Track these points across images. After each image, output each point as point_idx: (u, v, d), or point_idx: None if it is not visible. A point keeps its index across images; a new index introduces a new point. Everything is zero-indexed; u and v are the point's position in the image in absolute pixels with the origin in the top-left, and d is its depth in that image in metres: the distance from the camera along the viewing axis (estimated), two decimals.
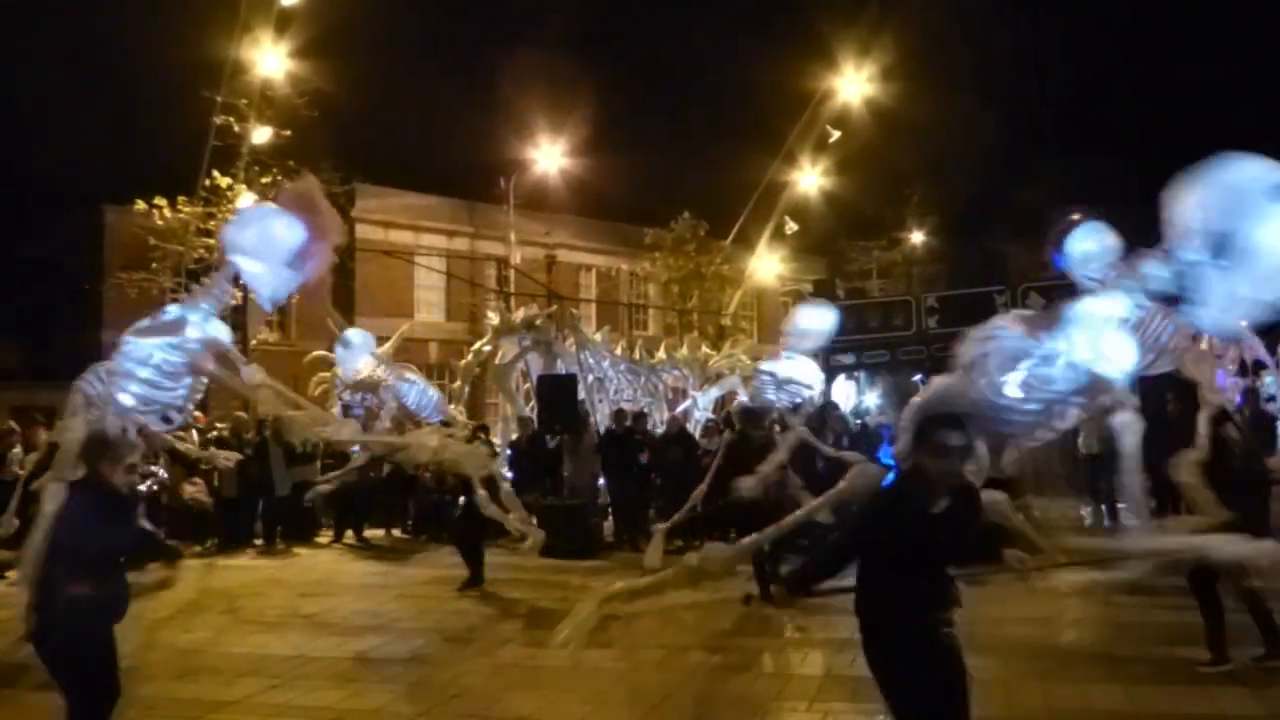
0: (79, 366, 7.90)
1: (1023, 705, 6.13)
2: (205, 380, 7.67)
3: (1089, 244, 6.73)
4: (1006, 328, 5.65)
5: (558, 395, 14.66)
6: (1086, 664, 6.71)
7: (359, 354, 15.58)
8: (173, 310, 7.60)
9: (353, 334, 16.03)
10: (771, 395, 10.93)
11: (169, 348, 7.33)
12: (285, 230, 7.07)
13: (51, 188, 25.98)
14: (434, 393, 15.69)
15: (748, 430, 10.34)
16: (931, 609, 3.72)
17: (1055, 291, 10.82)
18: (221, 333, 7.71)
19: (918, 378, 24.70)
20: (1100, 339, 5.20)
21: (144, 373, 7.30)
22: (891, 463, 13.32)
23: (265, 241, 7.10)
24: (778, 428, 10.97)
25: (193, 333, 7.36)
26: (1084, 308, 5.28)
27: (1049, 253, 7.52)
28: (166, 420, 7.71)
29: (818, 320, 12.89)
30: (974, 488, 4.14)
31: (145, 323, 7.50)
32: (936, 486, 3.77)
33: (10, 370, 25.43)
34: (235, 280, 7.71)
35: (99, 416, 6.99)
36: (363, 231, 30.14)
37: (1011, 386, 5.54)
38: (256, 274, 7.20)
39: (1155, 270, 5.10)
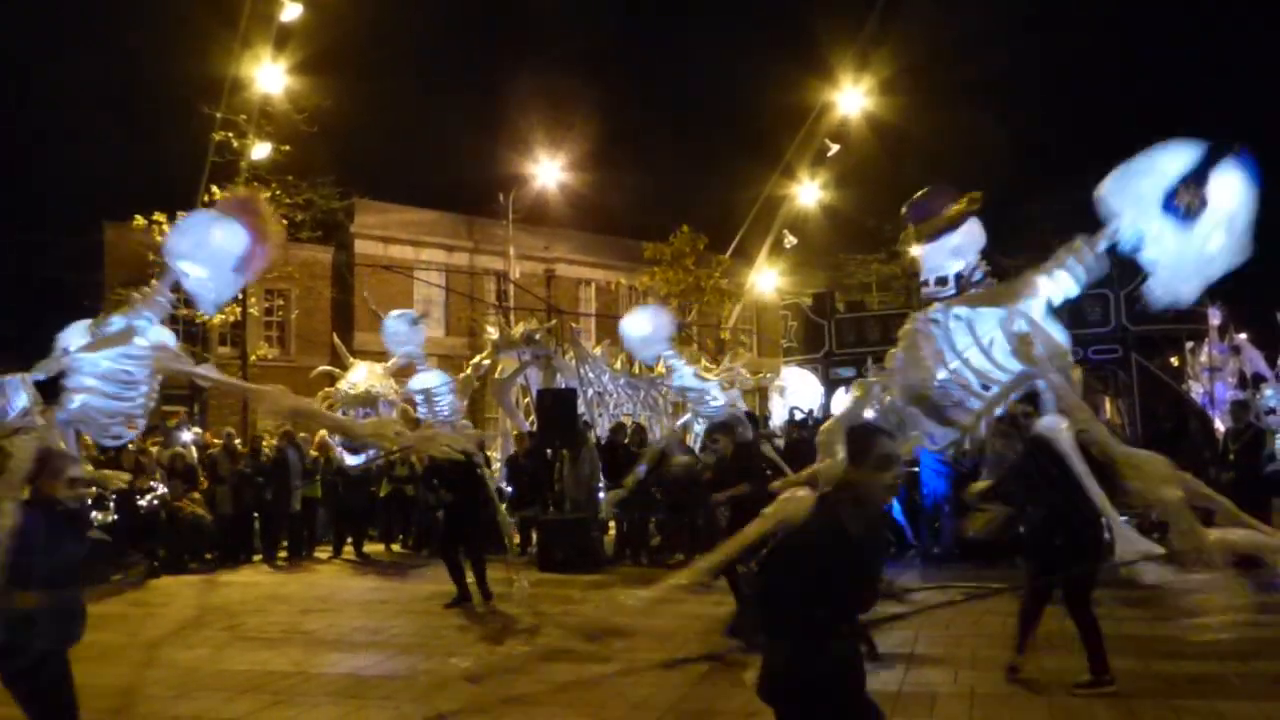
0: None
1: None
2: (157, 388, 7.64)
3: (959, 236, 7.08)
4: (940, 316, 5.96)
5: (558, 409, 14.65)
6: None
7: (418, 333, 15.35)
8: (117, 320, 7.57)
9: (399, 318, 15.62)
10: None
11: (120, 357, 7.32)
12: (226, 236, 7.06)
13: (52, 205, 26.06)
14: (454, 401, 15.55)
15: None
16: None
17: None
18: (168, 338, 7.70)
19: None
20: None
21: (98, 384, 7.27)
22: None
23: (206, 248, 7.09)
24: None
25: (140, 341, 7.35)
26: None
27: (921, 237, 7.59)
28: (126, 429, 7.70)
29: (645, 324, 13.48)
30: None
31: (88, 337, 7.50)
32: (877, 504, 3.58)
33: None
34: (176, 287, 7.65)
35: (40, 433, 6.87)
36: (362, 247, 30.19)
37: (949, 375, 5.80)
38: (199, 280, 7.19)
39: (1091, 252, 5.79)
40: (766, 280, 31.41)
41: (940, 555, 12.53)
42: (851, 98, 27.40)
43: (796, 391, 19.23)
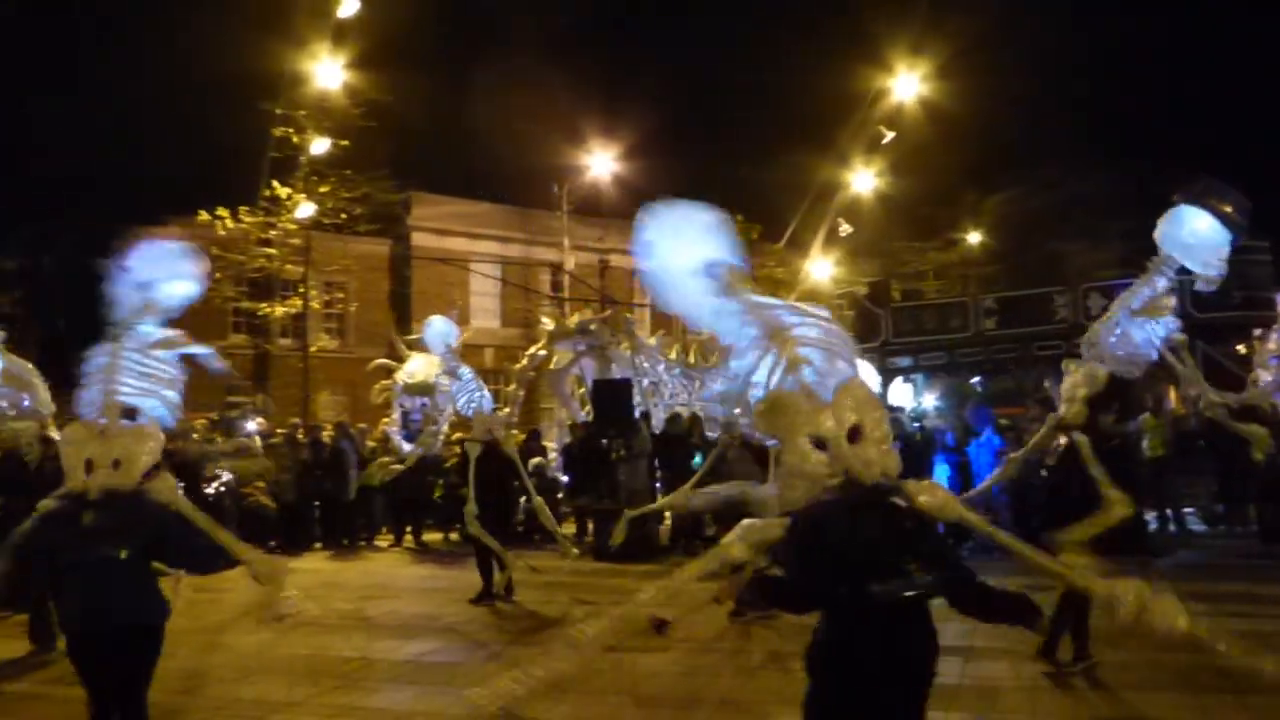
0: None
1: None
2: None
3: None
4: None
5: (613, 400, 14.69)
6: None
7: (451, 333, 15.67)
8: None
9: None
10: None
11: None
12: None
13: (116, 201, 26.63)
14: (485, 395, 15.76)
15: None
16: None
17: (1117, 291, 10.63)
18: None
19: (976, 380, 24.45)
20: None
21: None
22: (948, 466, 13.16)
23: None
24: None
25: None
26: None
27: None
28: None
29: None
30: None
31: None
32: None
33: (76, 378, 26.07)
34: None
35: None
36: (418, 239, 30.47)
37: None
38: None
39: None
40: (821, 269, 31.20)
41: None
42: (906, 83, 27.11)
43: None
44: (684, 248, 4.17)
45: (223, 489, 13.78)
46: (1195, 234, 7.68)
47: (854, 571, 3.18)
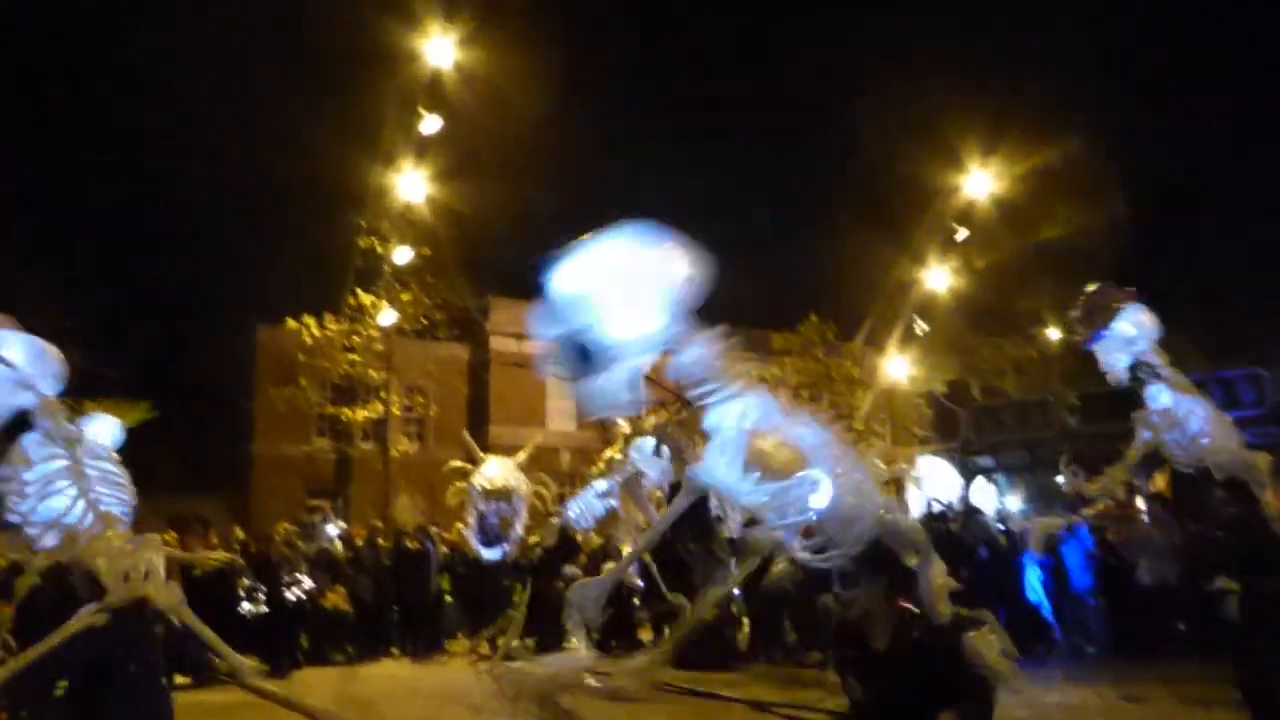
0: (232, 477, 8.28)
1: None
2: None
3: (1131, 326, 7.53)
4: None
5: (688, 505, 14.56)
6: None
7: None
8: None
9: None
10: None
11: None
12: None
13: (209, 308, 27.74)
14: (597, 505, 15.79)
15: None
16: None
17: (1207, 386, 10.39)
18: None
19: (1062, 479, 23.73)
20: None
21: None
22: (1039, 570, 12.76)
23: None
24: None
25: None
26: None
27: (1088, 333, 8.05)
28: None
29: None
30: None
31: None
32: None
33: (168, 481, 26.85)
34: None
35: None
36: (496, 344, 31.02)
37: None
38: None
39: None
40: (898, 367, 30.90)
41: (1092, 654, 11.87)
42: (978, 180, 27.17)
43: (933, 482, 18.70)
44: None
45: (302, 594, 13.92)
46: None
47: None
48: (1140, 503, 13.30)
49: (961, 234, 28.21)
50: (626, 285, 3.68)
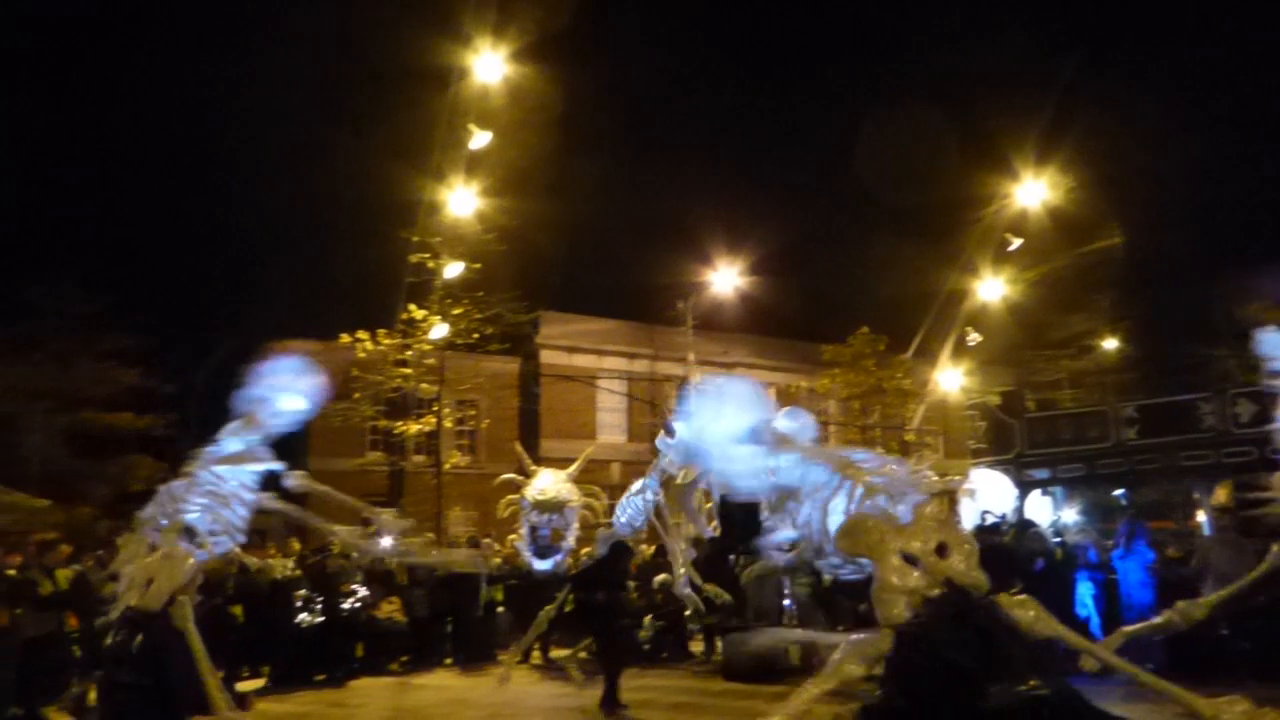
0: (288, 491, 8.46)
1: None
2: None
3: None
4: None
5: (740, 515, 14.56)
6: None
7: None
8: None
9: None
10: None
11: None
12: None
13: (264, 325, 28.23)
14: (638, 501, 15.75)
15: None
16: None
17: (1267, 397, 10.17)
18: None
19: (1119, 492, 23.32)
20: None
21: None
22: (1093, 584, 12.55)
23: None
24: None
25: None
26: None
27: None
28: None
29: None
30: None
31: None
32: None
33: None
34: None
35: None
36: (547, 357, 31.24)
37: None
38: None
39: None
40: (950, 379, 30.61)
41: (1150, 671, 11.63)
42: (1031, 189, 26.88)
43: (987, 495, 18.50)
44: (726, 419, 4.46)
45: (357, 604, 14.11)
46: None
47: (969, 676, 3.14)
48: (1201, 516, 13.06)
49: (1015, 244, 27.90)
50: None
